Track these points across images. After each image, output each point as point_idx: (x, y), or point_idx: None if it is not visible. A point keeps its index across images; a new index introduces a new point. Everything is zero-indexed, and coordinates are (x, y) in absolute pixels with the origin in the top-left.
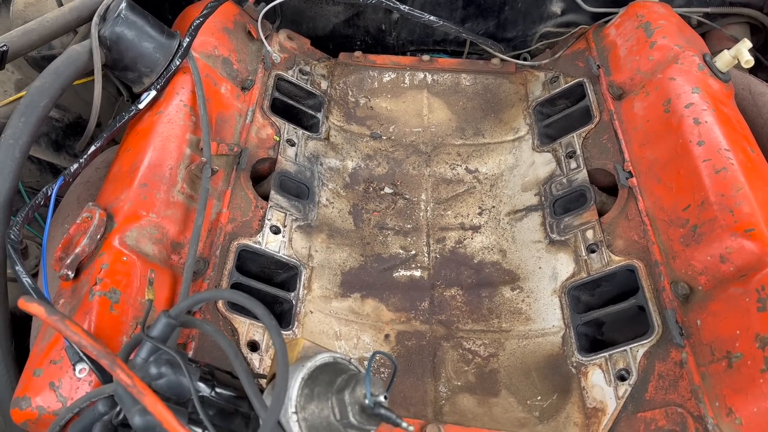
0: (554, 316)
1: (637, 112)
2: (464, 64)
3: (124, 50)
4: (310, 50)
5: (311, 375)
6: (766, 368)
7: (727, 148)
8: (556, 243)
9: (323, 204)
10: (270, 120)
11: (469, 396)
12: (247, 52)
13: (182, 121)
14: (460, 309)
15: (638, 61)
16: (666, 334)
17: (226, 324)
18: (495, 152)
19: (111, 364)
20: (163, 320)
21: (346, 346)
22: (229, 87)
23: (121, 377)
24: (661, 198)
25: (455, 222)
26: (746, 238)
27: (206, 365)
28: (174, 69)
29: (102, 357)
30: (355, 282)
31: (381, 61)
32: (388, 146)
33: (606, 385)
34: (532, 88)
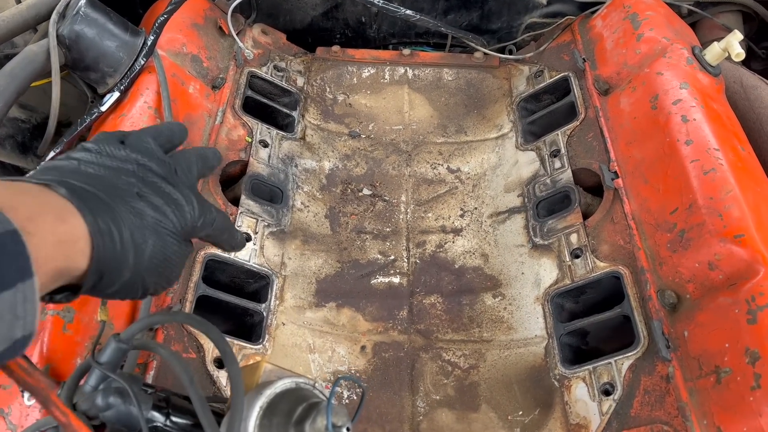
0: (537, 325)
1: (624, 109)
2: (446, 58)
3: (84, 49)
4: (286, 45)
5: (270, 403)
6: (757, 385)
7: (716, 147)
8: (539, 247)
9: (298, 208)
10: (241, 120)
11: (447, 411)
12: (218, 49)
13: (146, 123)
14: (440, 318)
15: (625, 54)
16: (652, 347)
17: (191, 340)
18: (477, 150)
19: (44, 400)
20: (113, 345)
21: (320, 359)
22: (198, 86)
23: (56, 415)
24: (648, 200)
25: (436, 225)
26: (736, 244)
27: (163, 390)
28: (138, 69)
29: (35, 393)
30: (331, 290)
31: (360, 56)
32: (367, 145)
33: (590, 399)
34: (516, 82)
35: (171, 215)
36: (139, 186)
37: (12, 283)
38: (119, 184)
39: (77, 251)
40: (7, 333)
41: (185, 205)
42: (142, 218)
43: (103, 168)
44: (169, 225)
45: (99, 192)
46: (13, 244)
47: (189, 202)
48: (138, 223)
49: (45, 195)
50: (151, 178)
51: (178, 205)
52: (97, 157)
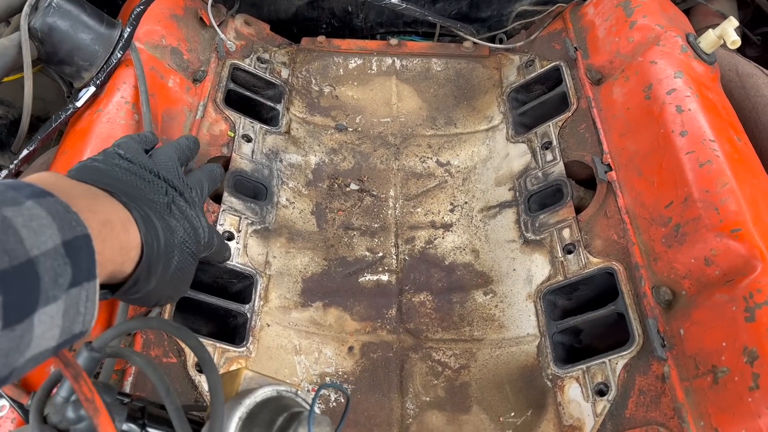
0: (529, 323)
1: (617, 99)
2: (435, 48)
3: (58, 43)
4: (270, 36)
5: (250, 413)
6: (755, 386)
7: (712, 138)
8: (531, 243)
9: (283, 205)
10: (224, 114)
11: (438, 413)
12: (199, 41)
13: (123, 120)
14: (430, 316)
15: (617, 42)
16: (647, 345)
17: (171, 344)
18: (468, 143)
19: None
20: (84, 354)
21: (306, 361)
22: (178, 80)
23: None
24: (642, 194)
25: (425, 220)
26: (732, 238)
27: (140, 399)
28: (115, 62)
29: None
30: (318, 289)
31: (346, 46)
32: (354, 138)
33: (583, 400)
34: (506, 72)
35: (191, 236)
36: (171, 206)
37: (80, 282)
38: (156, 199)
39: (130, 258)
40: (69, 326)
41: (199, 227)
42: (173, 235)
43: (141, 180)
44: (189, 245)
45: (143, 205)
46: (86, 247)
47: (202, 226)
48: (170, 239)
49: (112, 203)
50: (178, 199)
51: (195, 227)
52: (133, 167)
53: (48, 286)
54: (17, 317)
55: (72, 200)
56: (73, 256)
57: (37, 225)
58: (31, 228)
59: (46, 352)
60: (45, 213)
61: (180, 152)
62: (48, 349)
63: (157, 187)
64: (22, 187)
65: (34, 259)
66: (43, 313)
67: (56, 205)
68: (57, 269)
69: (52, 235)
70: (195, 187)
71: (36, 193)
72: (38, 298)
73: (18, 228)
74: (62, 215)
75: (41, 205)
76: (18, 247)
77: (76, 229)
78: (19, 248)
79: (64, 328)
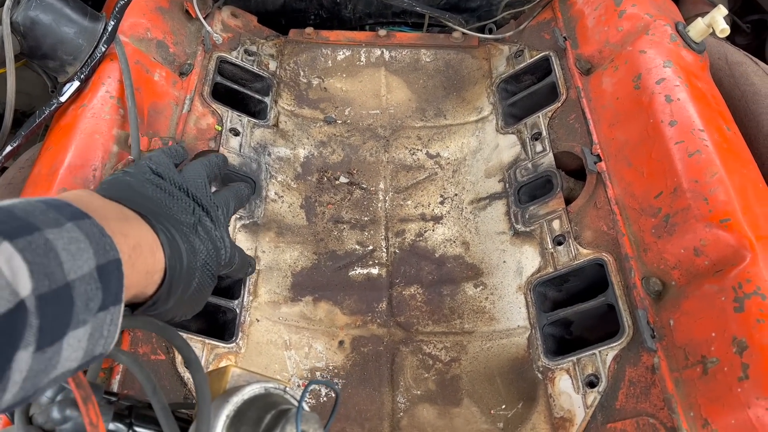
0: (519, 315)
1: (606, 89)
2: (424, 39)
3: (41, 37)
4: (257, 28)
5: (238, 411)
6: (744, 376)
7: (701, 128)
8: (521, 234)
9: (272, 199)
10: (211, 108)
11: (429, 406)
12: (185, 33)
13: (108, 114)
14: (420, 309)
15: (607, 32)
16: (637, 336)
17: (159, 341)
18: (457, 135)
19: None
20: None
21: (296, 356)
22: (164, 73)
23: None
24: (632, 184)
25: (415, 212)
26: (721, 228)
27: (127, 398)
28: (99, 56)
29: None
30: (307, 284)
31: (334, 38)
32: (343, 131)
33: (574, 392)
34: (495, 63)
35: (213, 257)
36: (196, 226)
37: (107, 306)
38: (183, 219)
39: (153, 282)
40: (91, 348)
41: (222, 248)
42: (196, 257)
43: (170, 198)
44: (211, 265)
45: (170, 226)
46: (117, 272)
47: (225, 247)
48: (192, 261)
49: (142, 226)
50: (204, 219)
51: (218, 248)
52: (163, 183)
53: (80, 310)
54: (50, 340)
55: (106, 222)
56: (104, 281)
57: (76, 248)
58: (70, 251)
59: (67, 373)
60: (83, 236)
61: (209, 170)
62: (70, 370)
63: (185, 206)
64: (63, 207)
65: (71, 283)
66: (72, 336)
67: (92, 228)
68: (89, 294)
69: (88, 260)
70: (222, 206)
71: (75, 215)
72: (70, 322)
73: (59, 251)
74: (98, 239)
75: (80, 227)
76: (57, 270)
77: (110, 253)
78: (58, 272)
79: (87, 350)
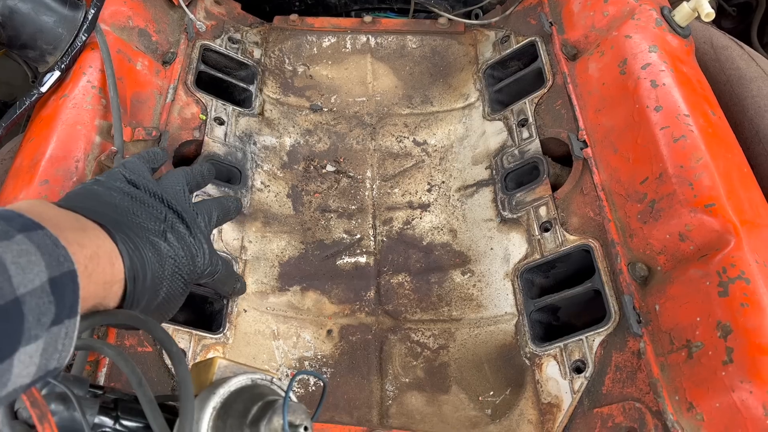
0: (507, 301)
1: (592, 74)
2: (410, 25)
3: (19, 26)
4: (241, 15)
5: (224, 403)
6: (729, 360)
7: (686, 113)
8: (508, 221)
9: (258, 188)
10: (195, 97)
11: (417, 394)
12: (168, 21)
13: (90, 105)
14: (408, 297)
15: (592, 17)
16: (623, 322)
17: (146, 333)
18: (444, 122)
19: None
20: None
21: (284, 345)
22: (147, 62)
23: None
24: (618, 170)
25: (403, 200)
26: (706, 213)
27: (113, 391)
28: (80, 45)
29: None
30: (295, 273)
31: (319, 24)
32: (329, 119)
33: (561, 378)
34: (482, 49)
35: (186, 265)
36: (166, 233)
37: (61, 320)
38: (150, 226)
39: (113, 293)
40: (45, 363)
41: (199, 255)
42: (163, 267)
43: (139, 205)
44: (183, 273)
45: (133, 235)
46: (72, 284)
47: (203, 254)
48: (159, 271)
49: (100, 235)
50: (178, 226)
51: (194, 256)
52: (134, 190)
53: (31, 326)
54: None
55: (61, 232)
56: (58, 294)
57: (26, 261)
58: (20, 265)
59: (20, 389)
60: (34, 248)
61: (190, 177)
62: (22, 386)
63: (155, 212)
64: (13, 218)
65: (20, 298)
66: (23, 352)
67: (45, 239)
68: (41, 308)
69: (39, 273)
70: (202, 214)
71: (26, 226)
72: (20, 338)
73: (7, 265)
74: (51, 250)
75: (31, 239)
76: (5, 285)
77: (64, 265)
78: (6, 287)
79: (41, 365)
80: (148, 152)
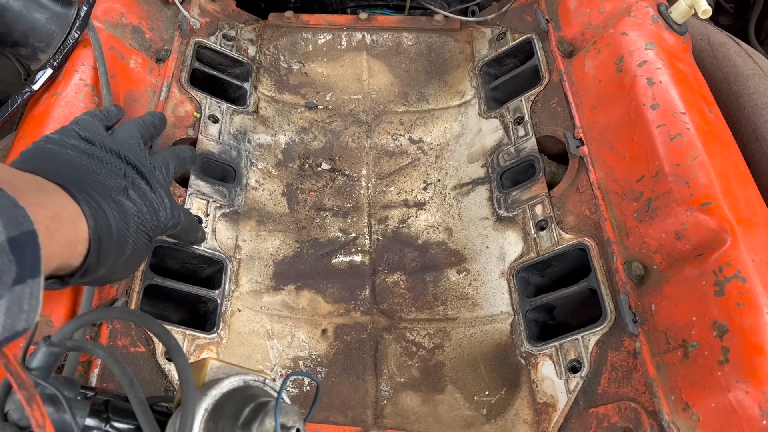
0: (502, 301)
1: (589, 72)
2: (405, 22)
3: (11, 23)
4: (236, 12)
5: (216, 405)
6: (725, 359)
7: (683, 111)
8: (503, 220)
9: (252, 186)
10: (189, 94)
11: (412, 394)
12: (162, 18)
13: (82, 103)
14: (404, 296)
15: (589, 13)
16: (619, 321)
17: (139, 333)
18: (440, 119)
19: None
20: (43, 349)
21: (279, 345)
22: (140, 60)
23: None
24: (614, 168)
25: (398, 199)
26: (702, 212)
27: (104, 393)
28: (72, 42)
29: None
30: (290, 272)
31: (315, 21)
32: (324, 117)
33: (557, 377)
34: (478, 46)
35: (150, 219)
36: (128, 190)
37: (24, 279)
38: (111, 183)
39: (77, 252)
40: (11, 324)
41: (161, 209)
42: (127, 222)
43: (97, 162)
44: (147, 228)
45: (96, 194)
46: (32, 243)
47: (164, 206)
48: (123, 228)
49: (61, 196)
50: (138, 182)
51: (156, 210)
52: (90, 147)
53: None
54: None
55: (20, 194)
56: (18, 254)
57: None
58: None
59: None
60: None
61: (144, 129)
62: None
63: (115, 169)
64: None
65: None
66: None
67: (3, 200)
68: (1, 267)
69: None
70: (159, 167)
71: None
72: None
73: None
74: (9, 210)
75: None
76: None
77: (23, 225)
78: None
79: (6, 325)
80: (101, 110)
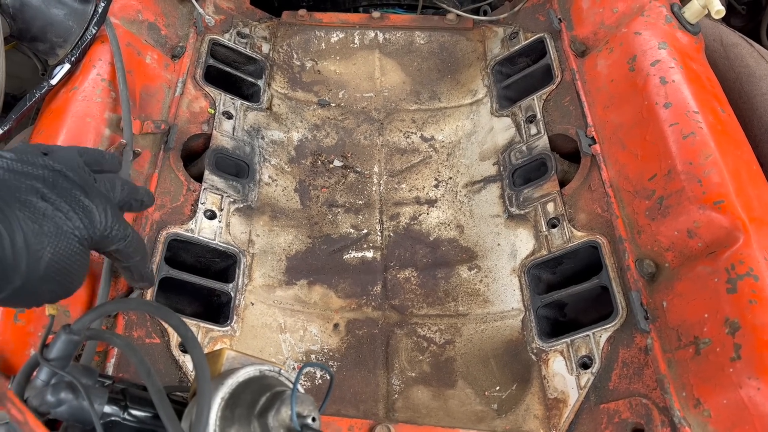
0: (513, 297)
1: (601, 71)
2: (418, 21)
3: (30, 19)
4: (250, 10)
5: (233, 394)
6: (736, 356)
7: (696, 110)
8: (515, 217)
9: (265, 182)
10: (203, 91)
11: (423, 388)
12: (177, 16)
13: (100, 97)
14: (415, 292)
15: (602, 13)
16: (630, 318)
17: (154, 324)
18: (452, 117)
19: None
20: (63, 337)
21: (291, 339)
22: (156, 56)
23: (12, 413)
24: (626, 166)
25: (410, 196)
26: (715, 210)
27: (121, 381)
28: (90, 38)
29: None
30: (302, 267)
31: (328, 20)
32: (337, 114)
33: (568, 373)
34: (490, 45)
35: (78, 221)
36: (44, 190)
37: None
38: (21, 186)
39: None
40: None
41: (95, 213)
42: (41, 224)
43: (10, 173)
44: (75, 231)
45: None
46: None
47: (101, 212)
48: (35, 229)
49: None
50: (62, 183)
51: (88, 212)
52: (9, 162)
53: None
54: None
55: None
56: None
57: None
58: None
59: None
60: None
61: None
62: None
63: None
64: None
65: None
66: None
67: None
68: None
69: None
70: (102, 182)
71: None
72: None
73: None
74: None
75: None
76: None
77: None
78: None
79: None
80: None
